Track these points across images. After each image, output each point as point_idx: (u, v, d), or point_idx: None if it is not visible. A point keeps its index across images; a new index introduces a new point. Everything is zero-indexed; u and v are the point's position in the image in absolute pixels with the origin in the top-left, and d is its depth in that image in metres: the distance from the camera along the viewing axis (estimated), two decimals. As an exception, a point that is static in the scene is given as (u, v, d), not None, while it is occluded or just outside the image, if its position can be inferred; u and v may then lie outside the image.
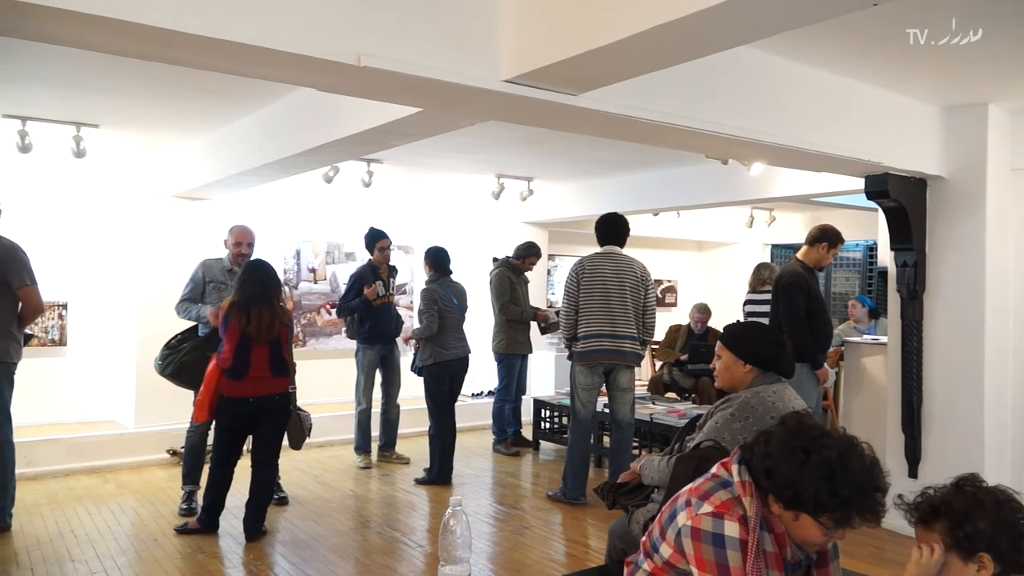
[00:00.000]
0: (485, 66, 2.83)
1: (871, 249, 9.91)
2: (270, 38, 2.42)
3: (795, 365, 2.99)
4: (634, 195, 7.64)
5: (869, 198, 4.77)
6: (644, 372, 9.99)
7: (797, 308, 4.86)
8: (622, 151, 6.15)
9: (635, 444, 6.12)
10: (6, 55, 3.82)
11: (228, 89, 4.42)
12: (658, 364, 8.22)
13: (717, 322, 7.79)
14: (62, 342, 6.72)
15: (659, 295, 11.35)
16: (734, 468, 1.99)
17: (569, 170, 7.30)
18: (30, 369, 6.30)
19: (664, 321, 9.12)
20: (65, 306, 6.72)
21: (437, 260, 6.04)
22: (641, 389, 8.23)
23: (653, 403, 6.64)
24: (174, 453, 6.12)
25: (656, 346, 7.93)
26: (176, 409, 5.66)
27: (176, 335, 5.04)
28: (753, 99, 3.75)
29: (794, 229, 10.53)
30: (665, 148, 4.36)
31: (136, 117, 5.17)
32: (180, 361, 4.87)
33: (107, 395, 6.84)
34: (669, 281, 11.55)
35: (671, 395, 7.61)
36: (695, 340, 7.60)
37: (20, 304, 4.42)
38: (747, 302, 6.92)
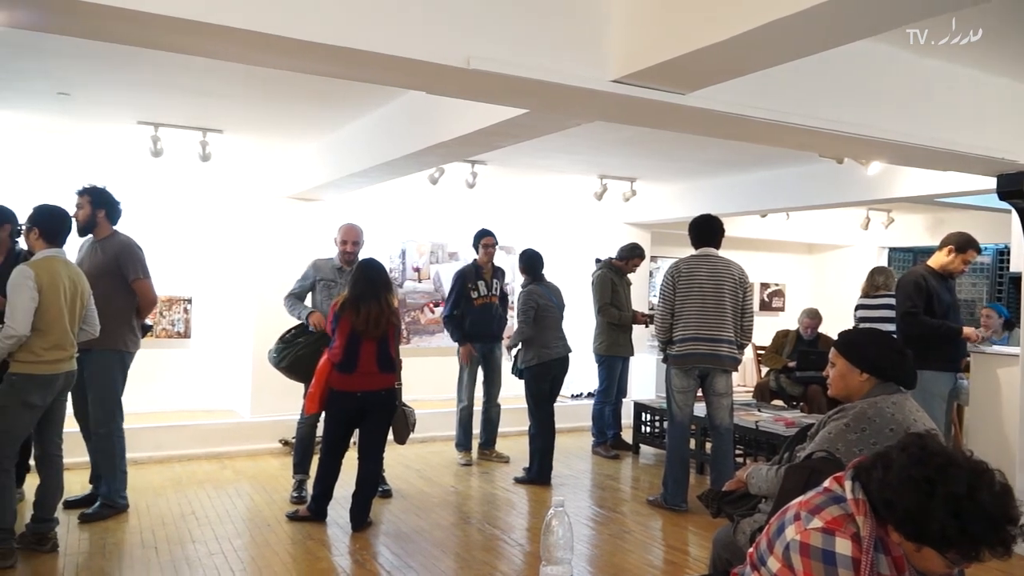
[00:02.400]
0: (593, 66, 2.82)
1: (1002, 253, 9.27)
2: (384, 44, 2.49)
3: (916, 375, 2.83)
4: (741, 196, 7.43)
5: (1001, 198, 4.48)
6: (749, 378, 9.72)
7: (907, 302, 4.74)
8: (730, 150, 6.00)
9: (739, 452, 5.96)
10: (141, 65, 4.09)
11: (341, 94, 4.59)
12: (764, 370, 7.97)
13: (828, 328, 7.49)
14: (186, 334, 7.15)
15: (765, 299, 11.01)
16: (847, 484, 1.90)
17: (674, 170, 7.18)
18: (158, 359, 6.75)
19: (771, 326, 8.83)
20: (190, 300, 7.15)
21: (531, 264, 6.07)
22: (746, 395, 8.01)
23: (759, 410, 6.44)
24: (286, 443, 6.40)
25: (762, 352, 7.69)
26: (288, 401, 5.91)
27: (290, 329, 5.26)
28: (873, 94, 3.58)
29: (914, 231, 9.98)
30: (777, 147, 4.23)
31: (256, 122, 5.44)
32: (295, 355, 5.07)
33: (226, 385, 7.23)
34: (776, 285, 11.18)
35: (778, 402, 7.35)
36: (804, 346, 7.32)
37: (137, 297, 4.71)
38: (859, 307, 6.60)
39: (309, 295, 5.39)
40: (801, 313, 7.55)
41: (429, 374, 7.48)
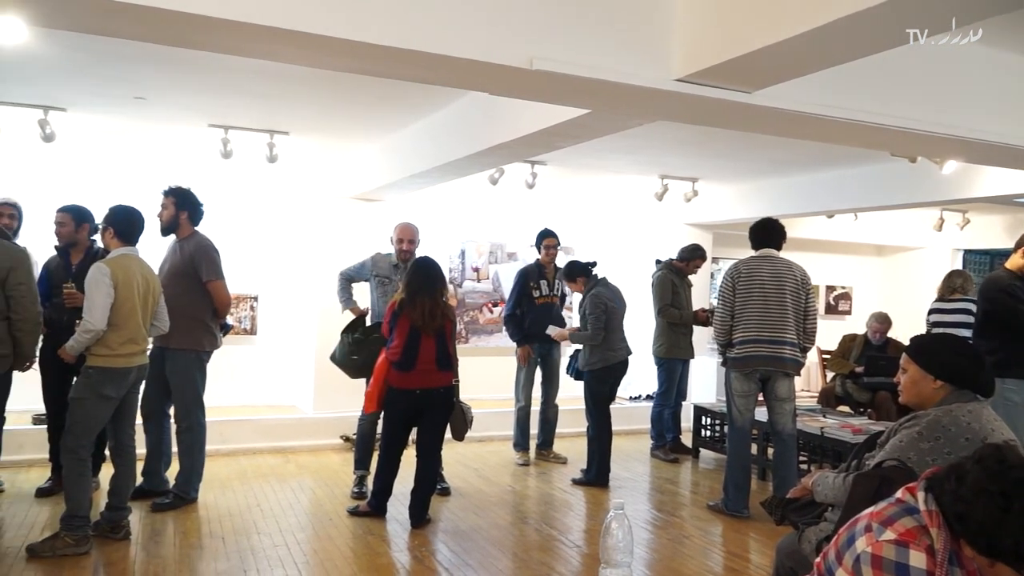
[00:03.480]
0: (656, 65, 2.80)
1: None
2: (447, 45, 2.52)
3: (995, 383, 2.71)
4: (808, 196, 7.25)
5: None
6: (814, 383, 9.48)
7: (1011, 305, 4.46)
8: (796, 150, 5.86)
9: (803, 459, 5.82)
10: (214, 70, 4.22)
11: (403, 95, 4.64)
12: (829, 375, 7.76)
13: (897, 332, 7.26)
14: (253, 331, 7.34)
15: (831, 302, 10.72)
16: (920, 495, 1.83)
17: (737, 170, 7.05)
18: (226, 355, 6.90)
19: (837, 330, 8.59)
20: (256, 298, 7.34)
21: (579, 271, 6.01)
22: (810, 400, 7.81)
23: (824, 416, 6.27)
24: (346, 439, 6.51)
25: (827, 356, 7.49)
26: (349, 398, 6.01)
27: (350, 326, 5.35)
28: (950, 91, 3.45)
29: (992, 233, 9.58)
30: (846, 146, 4.11)
31: (321, 124, 5.55)
32: (354, 353, 5.16)
33: (289, 382, 7.40)
34: (843, 287, 10.88)
35: (843, 408, 7.15)
36: (872, 351, 7.10)
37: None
38: (933, 311, 6.36)
39: (366, 287, 5.50)
40: (870, 317, 7.32)
41: (487, 374, 7.51)
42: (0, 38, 3.54)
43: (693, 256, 6.84)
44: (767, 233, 5.15)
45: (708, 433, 6.81)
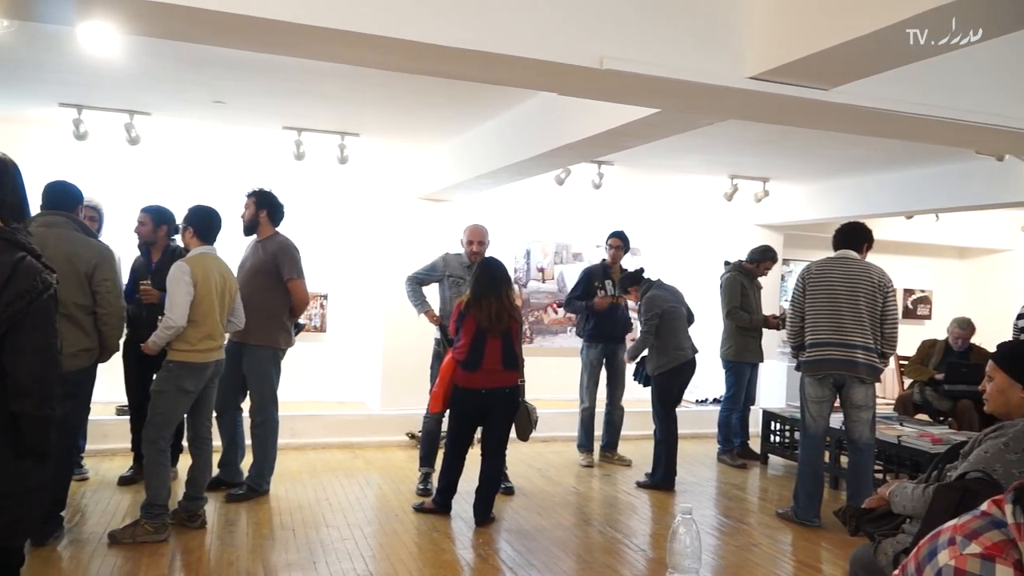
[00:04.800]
0: (729, 63, 2.75)
1: None
2: (517, 46, 2.53)
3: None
4: (885, 196, 7.01)
5: None
6: (890, 390, 9.15)
7: None
8: (874, 148, 5.67)
9: (879, 468, 5.64)
10: (289, 74, 4.34)
11: (471, 96, 4.68)
12: (907, 382, 7.48)
13: (981, 339, 6.95)
14: (323, 329, 7.51)
15: (909, 306, 10.34)
16: (1008, 508, 1.75)
17: (810, 170, 6.87)
18: (297, 352, 7.08)
19: (915, 335, 8.27)
20: (326, 297, 7.51)
21: (632, 279, 5.95)
22: (887, 408, 7.55)
23: (901, 424, 6.05)
24: (412, 436, 6.59)
25: (905, 362, 7.22)
26: (415, 396, 6.09)
27: (441, 330, 5.41)
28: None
29: (1084, 235, 9.10)
30: (927, 144, 3.96)
31: (391, 125, 5.65)
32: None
33: (357, 379, 7.54)
34: (922, 291, 10.48)
35: (922, 417, 6.88)
36: (953, 358, 6.81)
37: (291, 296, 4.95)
38: (1022, 317, 6.07)
39: (435, 287, 5.56)
40: (951, 322, 7.03)
41: (551, 374, 7.51)
42: (91, 47, 3.72)
43: (763, 258, 6.70)
44: (848, 235, 4.99)
45: (777, 439, 6.65)
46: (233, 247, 4.94)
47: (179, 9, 2.26)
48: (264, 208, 4.90)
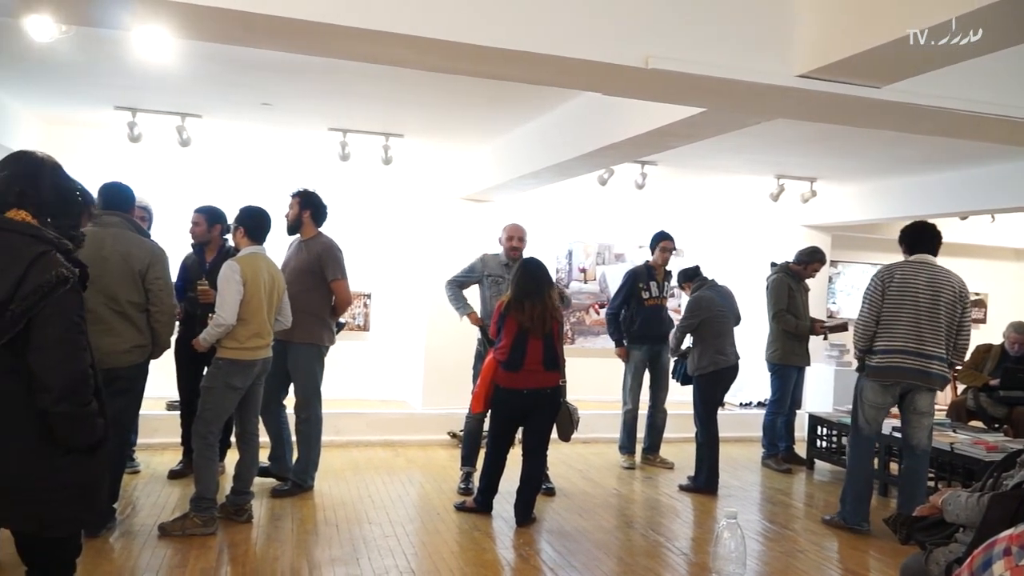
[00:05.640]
0: (777, 61, 2.71)
1: None
2: (561, 46, 2.52)
3: None
4: (938, 196, 6.84)
5: None
6: (943, 395, 8.92)
7: None
8: (925, 147, 5.52)
9: (931, 475, 5.50)
10: (334, 76, 4.40)
11: (514, 96, 4.68)
12: (960, 387, 7.28)
13: (1040, 344, 6.73)
14: (366, 328, 7.60)
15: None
16: (1069, 517, 1.70)
17: (859, 169, 6.73)
18: (341, 350, 7.16)
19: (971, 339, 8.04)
20: (369, 296, 7.59)
21: (694, 273, 5.89)
22: (939, 414, 7.35)
23: (954, 431, 5.89)
24: (454, 435, 6.63)
25: (958, 367, 7.01)
26: (456, 396, 6.12)
27: (483, 332, 5.43)
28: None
29: None
30: (984, 142, 3.84)
31: (435, 126, 5.69)
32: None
33: (400, 378, 7.60)
34: (977, 294, 10.18)
35: (976, 423, 6.69)
36: (1010, 363, 6.60)
37: (334, 295, 5.02)
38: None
39: (475, 289, 5.58)
40: (1007, 327, 6.82)
41: (593, 375, 7.48)
42: (145, 52, 3.81)
43: (811, 259, 6.57)
44: (923, 237, 4.78)
45: (824, 444, 6.52)
46: (276, 246, 5.02)
47: (230, 13, 2.31)
48: (308, 209, 4.97)
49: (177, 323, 4.63)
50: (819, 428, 6.54)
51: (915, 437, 4.75)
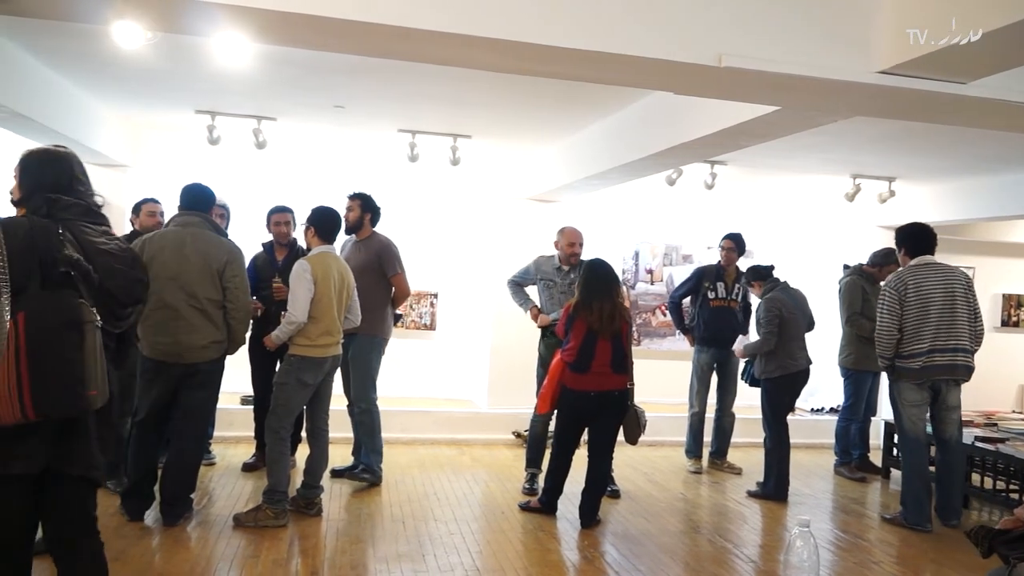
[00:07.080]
0: (855, 57, 2.63)
1: None
2: (633, 45, 2.50)
3: None
4: (1021, 197, 6.52)
5: None
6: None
7: None
8: (1012, 145, 5.28)
9: (1015, 488, 5.27)
10: (405, 78, 4.46)
11: (583, 96, 4.67)
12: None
13: None
14: (432, 327, 7.68)
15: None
16: None
17: (939, 168, 6.47)
18: (408, 349, 7.31)
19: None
20: (436, 295, 7.67)
21: (765, 272, 5.75)
22: (1021, 423, 7.01)
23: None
24: (518, 435, 6.65)
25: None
26: (521, 395, 6.13)
27: (543, 330, 5.46)
28: None
29: None
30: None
31: (502, 127, 5.71)
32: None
33: (465, 377, 7.66)
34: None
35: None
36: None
37: (393, 289, 5.17)
38: None
39: (532, 288, 5.63)
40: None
41: (659, 377, 7.39)
42: (224, 57, 3.95)
43: (887, 262, 6.34)
44: (924, 238, 5.03)
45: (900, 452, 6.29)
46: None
47: (305, 18, 2.37)
48: (369, 211, 5.16)
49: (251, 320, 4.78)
50: (895, 436, 6.31)
51: (947, 431, 4.97)
